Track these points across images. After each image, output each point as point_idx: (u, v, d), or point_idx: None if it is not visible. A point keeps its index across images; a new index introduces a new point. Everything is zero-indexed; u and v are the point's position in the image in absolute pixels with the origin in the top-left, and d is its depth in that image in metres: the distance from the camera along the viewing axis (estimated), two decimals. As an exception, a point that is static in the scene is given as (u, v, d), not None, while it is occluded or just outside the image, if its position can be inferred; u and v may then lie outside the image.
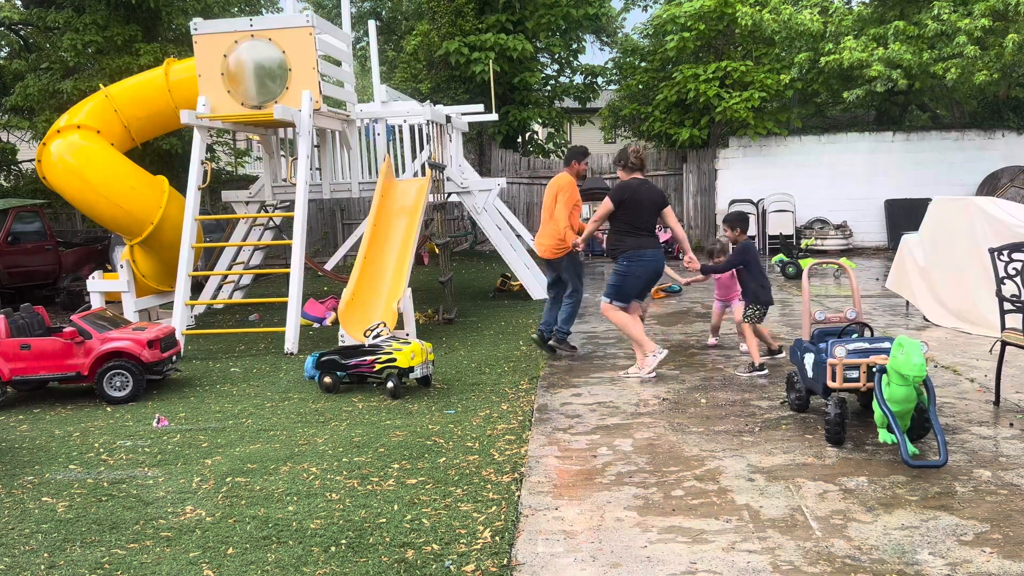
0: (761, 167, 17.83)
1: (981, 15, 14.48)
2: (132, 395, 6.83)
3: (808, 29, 15.99)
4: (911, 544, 3.59)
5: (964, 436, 5.00)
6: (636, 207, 6.85)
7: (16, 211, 13.06)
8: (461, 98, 18.41)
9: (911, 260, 9.04)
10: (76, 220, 17.22)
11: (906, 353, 4.40)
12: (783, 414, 5.62)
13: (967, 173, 17.19)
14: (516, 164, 19.56)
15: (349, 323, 7.98)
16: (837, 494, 4.17)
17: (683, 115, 17.86)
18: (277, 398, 6.72)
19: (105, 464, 5.19)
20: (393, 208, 9.59)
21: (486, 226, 11.83)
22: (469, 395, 6.50)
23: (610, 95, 23.07)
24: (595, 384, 6.73)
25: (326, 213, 18.90)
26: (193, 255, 9.27)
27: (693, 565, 3.49)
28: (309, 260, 11.00)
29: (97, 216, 9.94)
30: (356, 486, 4.55)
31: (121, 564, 3.72)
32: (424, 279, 14.21)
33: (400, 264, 8.84)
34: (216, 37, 9.50)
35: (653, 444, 5.09)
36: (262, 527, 4.05)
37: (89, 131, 9.86)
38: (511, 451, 5.04)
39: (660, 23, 17.80)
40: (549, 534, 3.85)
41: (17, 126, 16.62)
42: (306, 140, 9.31)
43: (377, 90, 12.22)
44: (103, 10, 14.56)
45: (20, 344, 6.82)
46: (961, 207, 8.23)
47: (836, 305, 10.12)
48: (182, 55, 13.03)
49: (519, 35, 18.77)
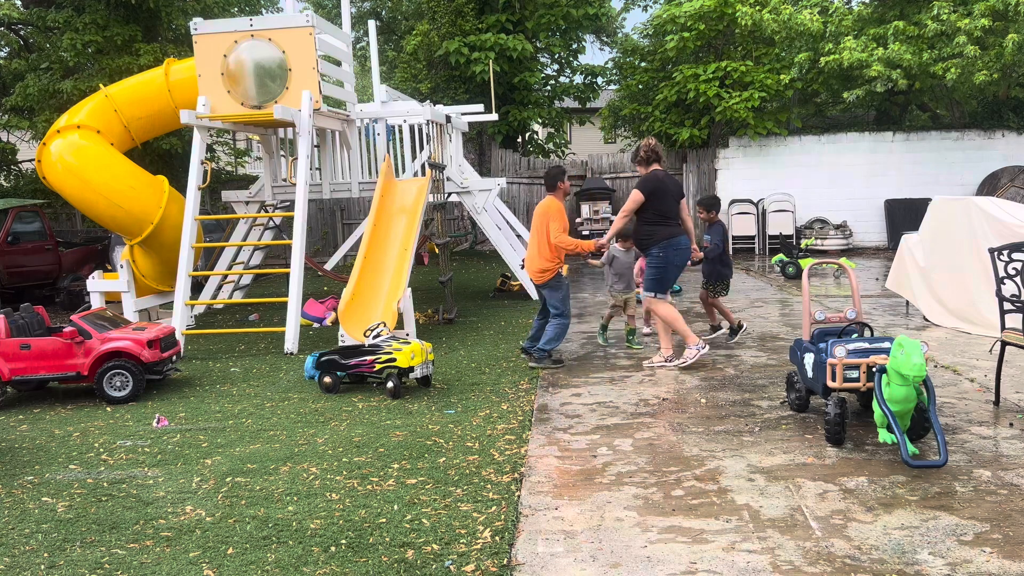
0: (761, 167, 17.84)
1: (981, 15, 14.48)
2: (132, 395, 6.83)
3: (808, 29, 15.99)
4: (911, 544, 3.59)
5: (964, 436, 5.00)
6: (664, 196, 6.98)
7: (16, 211, 13.06)
8: (461, 98, 18.41)
9: (911, 260, 9.04)
10: (76, 220, 17.22)
11: (906, 353, 4.40)
12: (783, 414, 5.62)
13: (967, 173, 17.20)
14: (516, 164, 19.57)
15: (349, 323, 7.98)
16: (837, 494, 4.17)
17: (683, 115, 17.87)
18: (277, 398, 6.72)
19: (105, 464, 5.19)
20: (393, 208, 9.59)
21: (486, 226, 11.83)
22: (469, 395, 6.50)
23: (610, 95, 23.09)
24: (595, 384, 6.73)
25: (326, 213, 18.91)
26: (193, 255, 9.27)
27: (693, 565, 3.49)
28: (309, 260, 11.00)
29: (97, 216, 9.94)
30: (356, 486, 4.55)
31: (121, 564, 3.72)
32: (424, 279, 14.21)
33: (400, 264, 8.84)
34: (216, 37, 9.50)
35: (653, 444, 5.09)
36: (262, 527, 4.05)
37: (89, 131, 9.86)
38: (511, 451, 5.04)
39: (660, 23, 17.81)
40: (549, 534, 3.85)
41: (17, 126, 16.60)
42: (306, 140, 9.31)
43: (377, 90, 12.22)
44: (103, 10, 14.55)
45: (20, 344, 6.82)
46: (961, 207, 8.23)
47: (836, 305, 10.12)
48: (182, 55, 13.04)
49: (519, 35, 18.77)
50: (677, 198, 7.12)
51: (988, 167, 17.07)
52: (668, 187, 7.03)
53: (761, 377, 6.70)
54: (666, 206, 6.99)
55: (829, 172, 17.64)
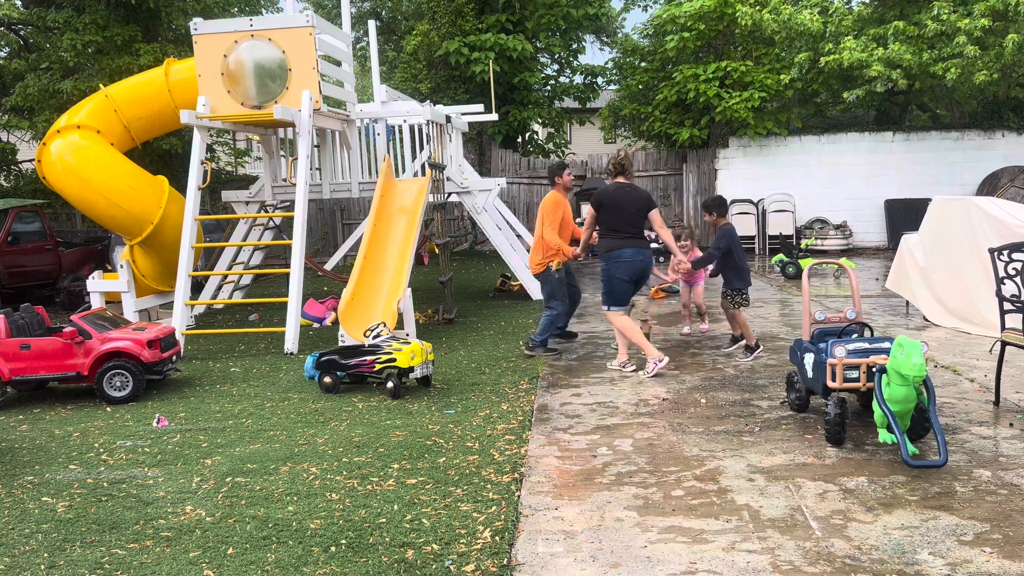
0: (761, 167, 17.84)
1: (981, 15, 14.48)
2: (132, 395, 6.83)
3: (808, 29, 15.99)
4: (911, 544, 3.59)
5: (964, 436, 5.00)
6: (614, 210, 6.96)
7: (16, 211, 13.06)
8: (461, 98, 18.41)
9: (911, 260, 9.04)
10: (76, 220, 17.21)
11: (906, 353, 4.40)
12: (783, 414, 5.62)
13: (967, 173, 17.20)
14: (516, 164, 19.57)
15: (349, 323, 7.98)
16: (837, 494, 4.17)
17: (683, 115, 17.87)
18: (277, 398, 6.72)
19: (105, 464, 5.19)
20: (393, 208, 9.59)
21: (486, 226, 11.83)
22: (469, 395, 6.50)
23: (610, 95, 23.08)
24: (595, 384, 6.73)
25: (326, 213, 18.90)
26: (193, 255, 9.27)
27: (693, 565, 3.49)
28: (309, 260, 11.00)
29: (97, 216, 9.94)
30: (356, 486, 4.55)
31: (121, 564, 3.72)
32: (424, 279, 14.21)
33: (400, 264, 8.84)
34: (216, 37, 9.50)
35: (653, 444, 5.10)
36: (262, 527, 4.05)
37: (89, 131, 9.86)
38: (511, 451, 5.04)
39: (660, 23, 17.81)
40: (549, 534, 3.85)
41: (17, 126, 16.59)
42: (306, 140, 9.31)
43: (377, 90, 12.22)
44: (103, 10, 14.55)
45: (20, 344, 6.82)
46: (961, 207, 8.23)
47: (836, 305, 10.12)
48: (182, 55, 13.03)
49: (519, 35, 18.77)
50: (634, 210, 6.97)
51: (988, 167, 17.07)
52: (619, 199, 6.97)
53: (761, 377, 6.70)
54: (613, 218, 6.96)
55: (829, 172, 17.63)
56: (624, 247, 6.91)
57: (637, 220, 6.97)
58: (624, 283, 6.97)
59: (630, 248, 6.92)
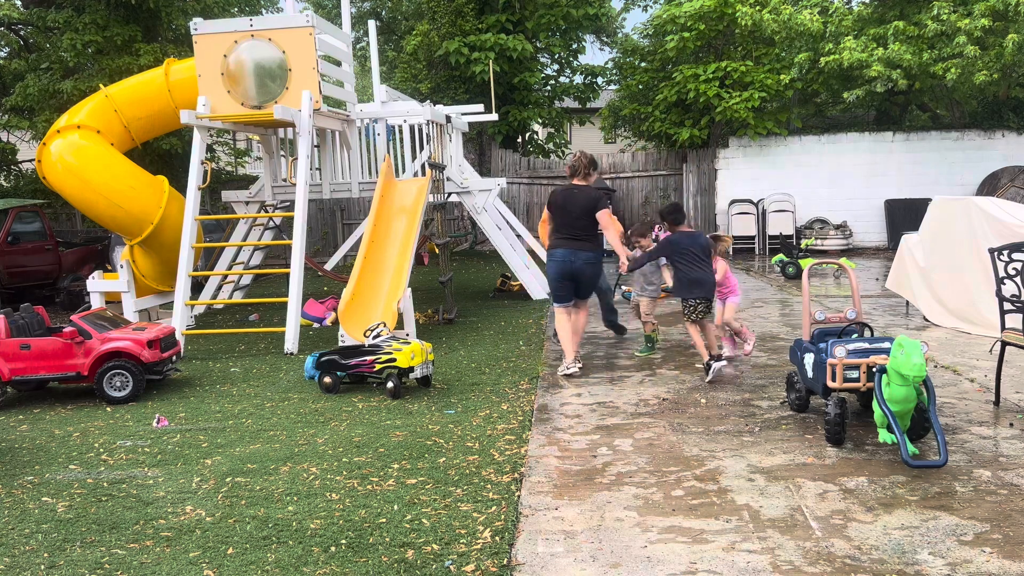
0: (761, 167, 17.84)
1: (981, 15, 14.48)
2: (132, 395, 6.83)
3: (808, 29, 16.00)
4: (911, 544, 3.59)
5: (964, 436, 5.00)
6: (558, 211, 7.20)
7: (16, 211, 13.06)
8: (461, 98, 18.41)
9: (911, 260, 9.04)
10: (76, 220, 17.21)
11: (906, 353, 4.40)
12: (783, 414, 5.62)
13: (967, 173, 17.20)
14: (516, 164, 19.57)
15: (349, 323, 7.98)
16: (837, 494, 4.17)
17: (683, 115, 17.87)
18: (277, 398, 6.72)
19: (105, 464, 5.19)
20: (393, 208, 9.59)
21: (486, 226, 11.83)
22: (469, 395, 6.50)
23: (610, 95, 23.08)
24: (595, 384, 6.73)
25: (326, 213, 18.91)
26: (193, 255, 9.27)
27: (693, 565, 3.49)
28: (309, 260, 10.99)
29: (97, 216, 9.94)
30: (356, 486, 4.55)
31: (121, 564, 3.72)
32: (424, 279, 14.21)
33: (400, 264, 8.84)
34: (216, 37, 9.49)
35: (653, 444, 5.09)
36: (262, 527, 4.05)
37: (89, 131, 9.86)
38: (511, 451, 5.04)
39: (660, 23, 17.81)
40: (549, 534, 3.85)
41: (17, 126, 16.58)
42: (306, 140, 9.31)
43: (377, 90, 12.22)
44: (103, 10, 14.55)
45: (20, 344, 6.82)
46: (961, 207, 8.23)
47: (836, 305, 10.12)
48: (182, 55, 13.02)
49: (519, 35, 18.78)
50: (582, 212, 7.04)
51: (988, 167, 17.07)
52: (564, 202, 7.14)
53: (761, 377, 6.70)
54: (557, 219, 7.19)
55: (829, 172, 17.64)
56: (558, 247, 7.14)
57: (578, 222, 7.10)
58: (555, 281, 7.22)
59: (563, 249, 7.12)
